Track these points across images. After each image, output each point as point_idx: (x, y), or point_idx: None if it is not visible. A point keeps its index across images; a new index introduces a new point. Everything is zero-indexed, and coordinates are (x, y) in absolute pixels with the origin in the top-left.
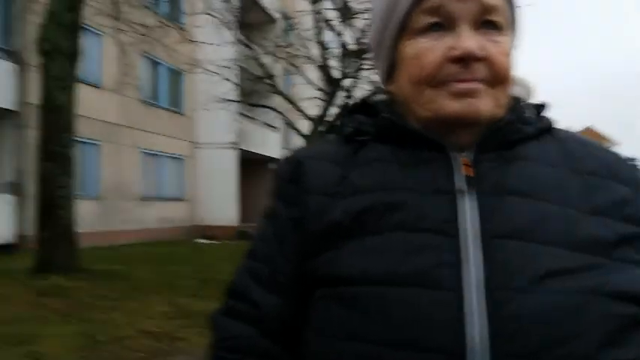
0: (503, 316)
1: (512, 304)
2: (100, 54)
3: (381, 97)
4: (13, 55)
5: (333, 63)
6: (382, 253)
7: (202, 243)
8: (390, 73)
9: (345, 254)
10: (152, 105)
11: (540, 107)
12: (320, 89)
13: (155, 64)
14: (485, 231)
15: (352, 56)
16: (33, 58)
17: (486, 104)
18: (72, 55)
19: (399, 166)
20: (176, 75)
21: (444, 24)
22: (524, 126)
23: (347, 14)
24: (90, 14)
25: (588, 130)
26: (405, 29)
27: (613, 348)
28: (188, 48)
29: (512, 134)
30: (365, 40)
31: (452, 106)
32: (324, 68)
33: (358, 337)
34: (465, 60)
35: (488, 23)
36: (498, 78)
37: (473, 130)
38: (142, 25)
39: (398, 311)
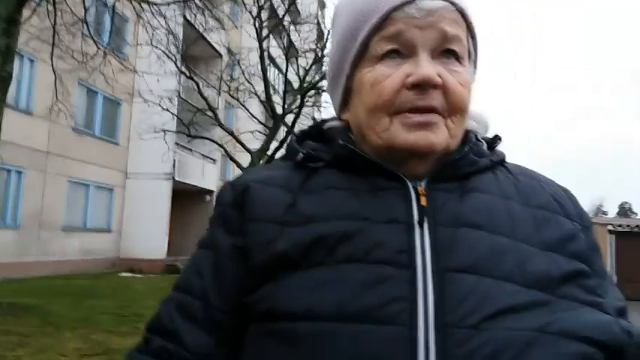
0: (455, 355)
1: (464, 344)
2: (32, 79)
3: (334, 124)
4: None
5: (276, 99)
6: (331, 286)
7: (126, 277)
8: (345, 101)
9: (289, 287)
10: (85, 133)
11: (494, 141)
12: (262, 123)
13: (92, 92)
14: (440, 264)
15: (295, 93)
16: None
17: (440, 136)
18: (2, 80)
19: (354, 194)
20: (113, 104)
21: (403, 52)
22: (478, 159)
23: (291, 53)
24: (25, 39)
25: None
26: (363, 56)
27: None
28: (128, 77)
29: (465, 167)
30: (307, 78)
31: (405, 137)
32: (267, 103)
33: None
34: (422, 86)
35: (448, 52)
36: (454, 107)
37: (427, 159)
38: (81, 53)
39: (346, 350)
